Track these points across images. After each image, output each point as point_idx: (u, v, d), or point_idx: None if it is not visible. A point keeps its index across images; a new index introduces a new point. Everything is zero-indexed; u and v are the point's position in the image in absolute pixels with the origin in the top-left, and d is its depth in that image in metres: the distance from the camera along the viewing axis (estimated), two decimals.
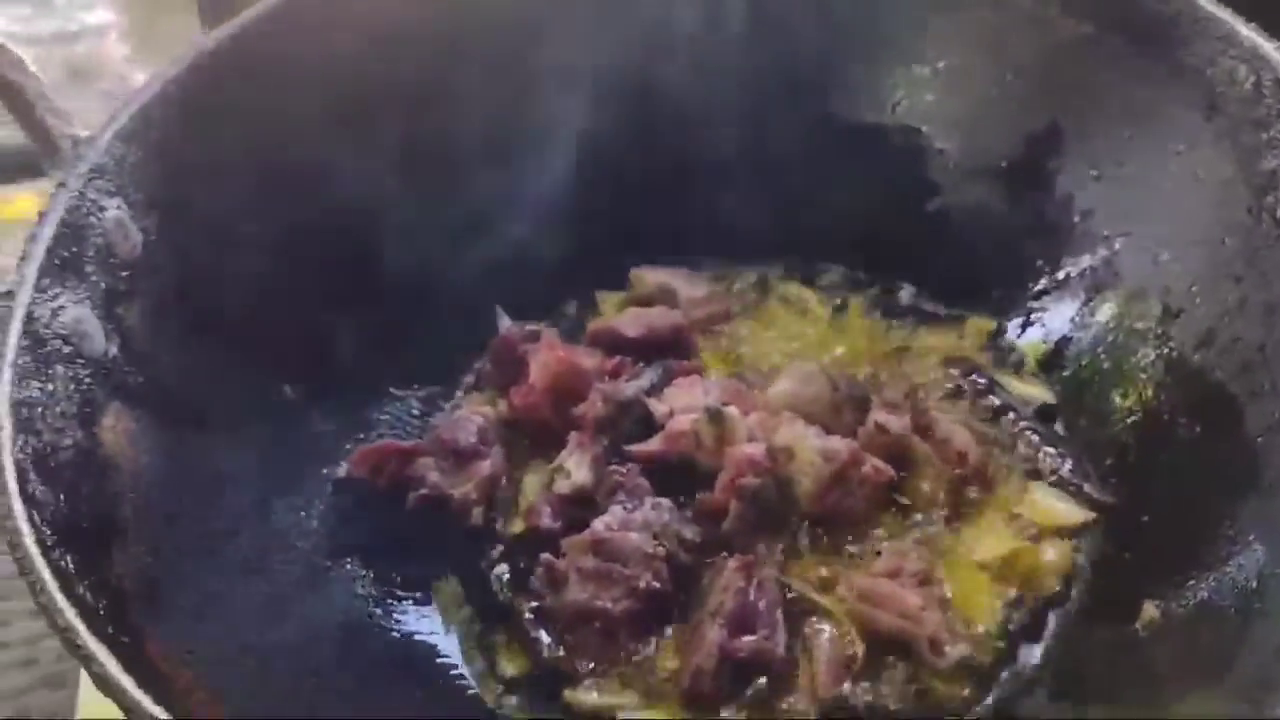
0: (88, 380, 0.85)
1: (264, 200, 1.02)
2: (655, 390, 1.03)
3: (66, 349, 0.84)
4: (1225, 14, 0.97)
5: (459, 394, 1.12)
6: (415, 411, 1.10)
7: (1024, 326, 1.11)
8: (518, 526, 1.00)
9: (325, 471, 1.02)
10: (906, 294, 1.17)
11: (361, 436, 1.06)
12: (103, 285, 0.89)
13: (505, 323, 1.13)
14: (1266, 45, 0.94)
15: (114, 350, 0.88)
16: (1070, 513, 0.98)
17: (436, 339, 1.12)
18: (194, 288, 0.96)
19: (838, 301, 1.16)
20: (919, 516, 0.99)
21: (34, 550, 0.70)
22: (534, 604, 0.95)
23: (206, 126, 0.98)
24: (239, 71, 1.01)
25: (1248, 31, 0.95)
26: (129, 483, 0.85)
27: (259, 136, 1.01)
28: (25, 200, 1.58)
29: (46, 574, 0.69)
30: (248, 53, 1.02)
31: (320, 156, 1.05)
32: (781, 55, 1.16)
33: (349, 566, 0.98)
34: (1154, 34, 1.01)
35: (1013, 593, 0.95)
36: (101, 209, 0.91)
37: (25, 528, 0.71)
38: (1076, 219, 1.08)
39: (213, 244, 0.98)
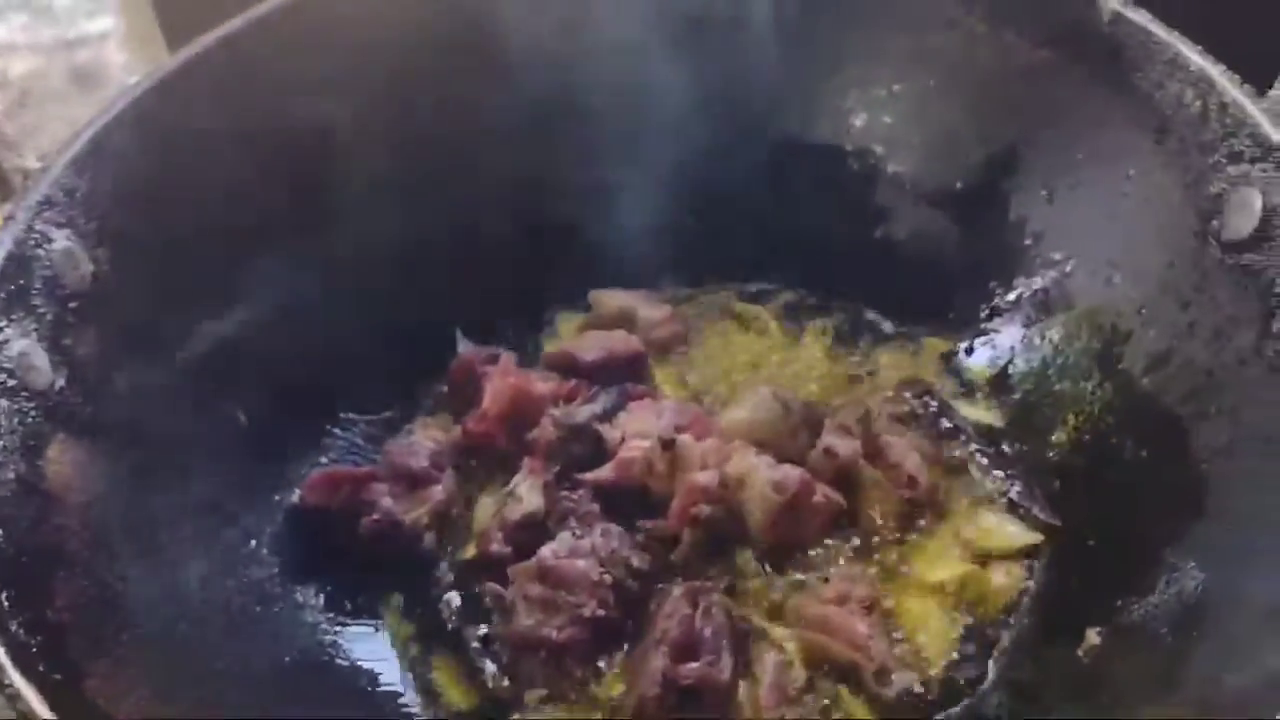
0: (32, 413, 0.85)
1: (217, 225, 1.02)
2: (610, 415, 1.03)
3: (11, 383, 0.84)
4: (1173, 38, 0.97)
5: (415, 419, 1.12)
6: (370, 436, 1.10)
7: (976, 348, 1.11)
8: (469, 551, 1.00)
9: (278, 498, 1.02)
10: (864, 315, 1.17)
11: (315, 462, 1.07)
12: (50, 317, 0.89)
13: (464, 346, 1.13)
14: (1212, 69, 0.94)
15: (61, 382, 0.88)
16: (1018, 535, 0.98)
17: (392, 364, 1.12)
18: (146, 315, 0.96)
19: (795, 324, 1.16)
20: (870, 540, 0.98)
21: None
22: (482, 632, 0.95)
23: (160, 153, 0.98)
24: (194, 97, 1.01)
25: (1194, 56, 0.95)
26: (75, 515, 0.85)
27: (212, 162, 1.02)
28: None
29: None
30: (202, 79, 1.02)
31: (276, 181, 1.05)
32: (738, 77, 1.17)
33: (299, 594, 0.98)
34: (1106, 58, 1.01)
35: (961, 617, 0.95)
36: (50, 240, 0.90)
37: None
38: (1029, 241, 1.09)
39: (165, 271, 0.98)
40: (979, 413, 1.07)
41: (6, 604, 0.73)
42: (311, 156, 1.06)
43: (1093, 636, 0.88)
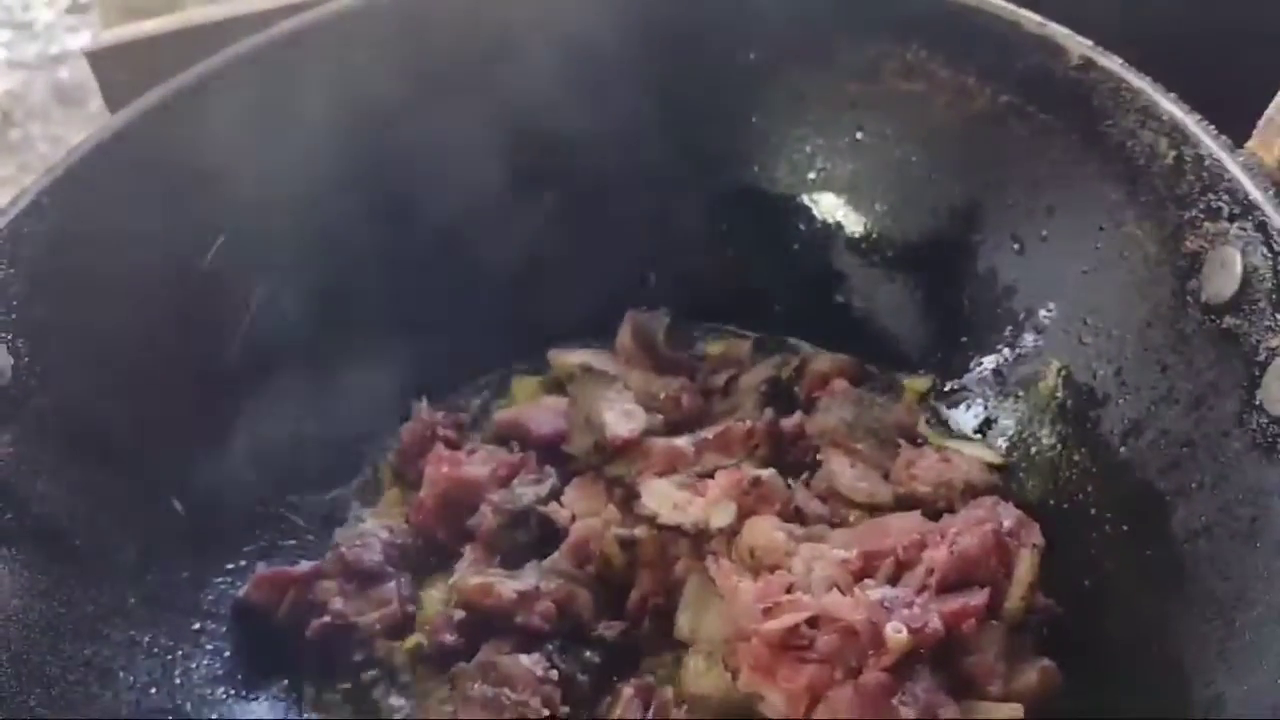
0: None
1: (143, 310, 0.97)
2: (557, 494, 0.99)
3: None
4: (1145, 84, 0.92)
5: (364, 497, 1.07)
6: (317, 517, 1.05)
7: (949, 411, 1.06)
8: (412, 642, 0.95)
9: (214, 596, 0.97)
10: None
11: (260, 547, 1.02)
12: None
13: (421, 411, 1.09)
14: (1187, 119, 0.89)
15: None
16: None
17: (339, 437, 1.08)
18: (71, 408, 0.92)
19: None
20: None
21: None
22: None
23: (79, 240, 0.94)
24: (118, 177, 0.96)
25: (1168, 104, 0.90)
26: None
27: (133, 246, 0.97)
28: None
29: None
30: (127, 156, 0.97)
31: (208, 261, 1.00)
32: (698, 125, 1.12)
33: (244, 697, 0.94)
34: (1074, 104, 0.96)
35: None
36: None
37: None
38: (999, 295, 1.04)
39: (90, 360, 0.94)
40: None
41: None
42: (243, 230, 1.01)
43: None
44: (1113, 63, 0.94)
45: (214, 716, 0.91)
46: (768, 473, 0.93)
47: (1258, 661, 0.75)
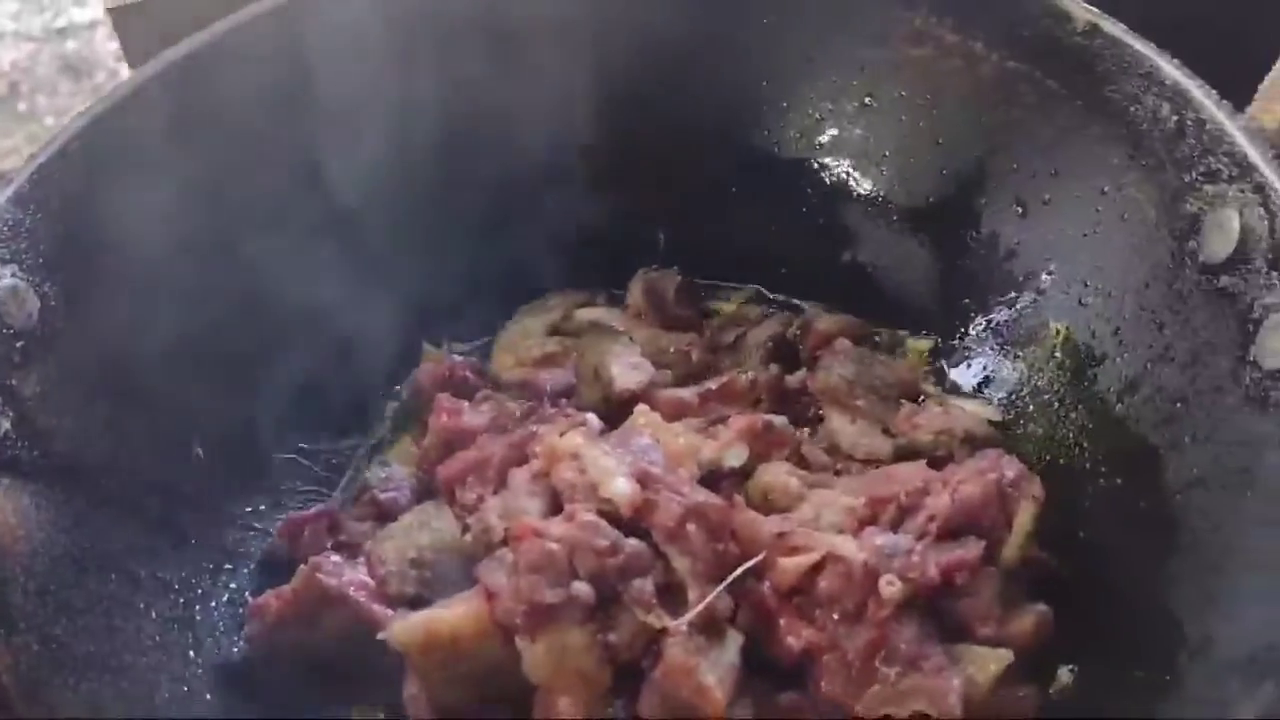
0: None
1: (170, 254, 0.99)
2: None
3: None
4: (1149, 50, 0.94)
5: (377, 442, 1.10)
6: (332, 465, 1.08)
7: (949, 370, 1.09)
8: None
9: (233, 539, 1.00)
10: None
11: (280, 489, 1.05)
12: None
13: (432, 355, 1.11)
14: (1189, 83, 0.91)
15: (5, 425, 0.85)
16: None
17: (353, 382, 1.10)
18: (96, 351, 0.94)
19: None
20: None
21: None
22: None
23: (108, 185, 0.96)
24: (144, 125, 0.98)
25: (1171, 69, 0.92)
26: (20, 566, 0.83)
27: (166, 192, 0.99)
28: None
29: None
30: (154, 105, 0.99)
31: (231, 209, 1.03)
32: (708, 89, 1.14)
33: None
34: (1079, 70, 0.98)
35: None
36: None
37: None
38: (1002, 257, 1.06)
39: (117, 304, 0.96)
40: None
41: None
42: (265, 180, 1.04)
43: (1064, 675, 0.86)
44: (1117, 28, 0.96)
45: (234, 651, 0.94)
46: (779, 419, 0.95)
47: (1246, 606, 0.78)
